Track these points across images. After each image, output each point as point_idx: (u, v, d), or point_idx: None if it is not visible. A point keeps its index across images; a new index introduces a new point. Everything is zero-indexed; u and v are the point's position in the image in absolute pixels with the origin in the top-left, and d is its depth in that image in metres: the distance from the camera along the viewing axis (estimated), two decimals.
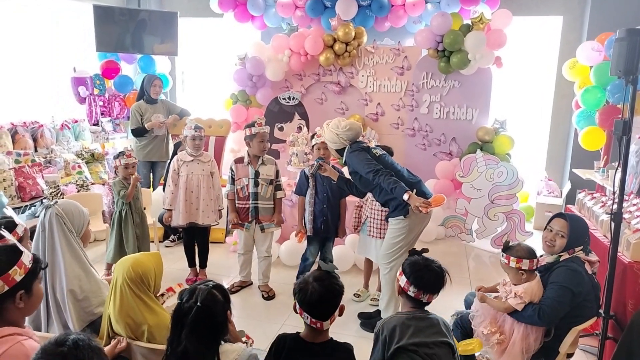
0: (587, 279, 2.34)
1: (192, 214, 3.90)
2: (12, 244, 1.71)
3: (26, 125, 5.25)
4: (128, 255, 3.51)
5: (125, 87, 6.32)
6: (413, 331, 1.88)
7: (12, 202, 4.29)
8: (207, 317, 1.60)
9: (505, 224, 4.93)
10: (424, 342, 1.86)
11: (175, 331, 1.61)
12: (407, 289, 1.95)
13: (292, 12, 5.96)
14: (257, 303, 3.77)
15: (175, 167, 3.90)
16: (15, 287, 1.58)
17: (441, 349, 1.88)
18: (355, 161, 3.09)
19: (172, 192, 3.87)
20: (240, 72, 5.66)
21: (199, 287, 1.64)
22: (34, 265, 1.67)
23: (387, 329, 1.92)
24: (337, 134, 3.15)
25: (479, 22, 5.04)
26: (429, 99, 5.55)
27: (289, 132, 5.46)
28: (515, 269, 2.33)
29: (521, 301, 2.28)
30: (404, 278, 1.97)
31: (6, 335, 1.53)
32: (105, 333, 1.98)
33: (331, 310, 1.80)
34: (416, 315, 1.95)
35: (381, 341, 1.92)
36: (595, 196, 3.73)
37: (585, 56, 4.82)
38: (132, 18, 6.11)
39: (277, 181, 3.79)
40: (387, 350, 1.89)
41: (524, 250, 2.34)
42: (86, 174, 5.22)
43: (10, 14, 5.40)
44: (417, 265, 1.97)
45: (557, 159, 6.32)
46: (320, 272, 1.86)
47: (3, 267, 1.57)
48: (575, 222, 2.48)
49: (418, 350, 1.83)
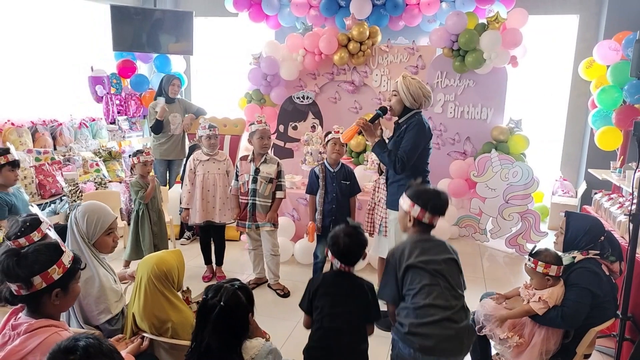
0: (605, 280, 2.34)
1: (208, 212, 3.96)
2: (55, 242, 1.74)
3: (45, 124, 5.35)
4: (144, 253, 3.64)
5: (141, 86, 6.39)
6: (420, 251, 2.07)
7: (33, 200, 4.38)
8: (229, 317, 1.63)
9: (520, 224, 4.91)
10: (432, 259, 2.05)
11: (200, 326, 1.64)
12: (422, 217, 2.11)
13: (307, 12, 5.98)
14: (272, 301, 3.81)
15: (192, 166, 3.96)
16: (53, 285, 1.63)
17: (448, 265, 2.08)
18: (417, 132, 2.96)
19: (189, 191, 3.94)
20: (255, 72, 5.70)
21: (225, 286, 1.67)
22: (73, 265, 1.70)
23: (396, 252, 2.12)
24: (424, 93, 2.98)
25: (495, 22, 5.02)
26: (443, 98, 5.54)
27: (303, 131, 5.49)
28: (542, 274, 2.32)
29: (544, 306, 2.28)
30: (417, 207, 2.12)
31: (45, 326, 1.59)
32: (129, 330, 2.03)
33: (357, 257, 2.17)
34: (422, 237, 2.14)
35: (392, 264, 2.11)
36: (613, 197, 3.71)
37: (602, 55, 4.78)
38: (148, 18, 6.18)
39: (279, 181, 3.80)
40: (398, 270, 2.06)
41: (552, 256, 2.34)
42: (104, 171, 5.30)
43: (30, 15, 5.50)
44: (428, 193, 2.17)
45: (572, 159, 6.28)
46: (349, 228, 2.19)
47: (43, 265, 1.61)
48: (575, 219, 2.48)
49: (426, 267, 2.02)
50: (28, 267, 1.60)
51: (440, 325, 1.95)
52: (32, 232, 2.22)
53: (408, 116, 3.05)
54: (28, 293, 1.60)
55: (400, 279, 2.05)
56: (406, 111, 3.05)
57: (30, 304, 1.65)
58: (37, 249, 1.66)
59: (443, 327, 1.95)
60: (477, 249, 5.06)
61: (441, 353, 1.96)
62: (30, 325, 1.59)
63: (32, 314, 1.64)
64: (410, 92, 2.97)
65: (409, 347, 1.98)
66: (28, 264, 1.60)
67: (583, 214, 2.64)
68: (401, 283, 2.06)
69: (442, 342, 1.95)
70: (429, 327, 1.95)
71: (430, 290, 1.98)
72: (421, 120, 3.03)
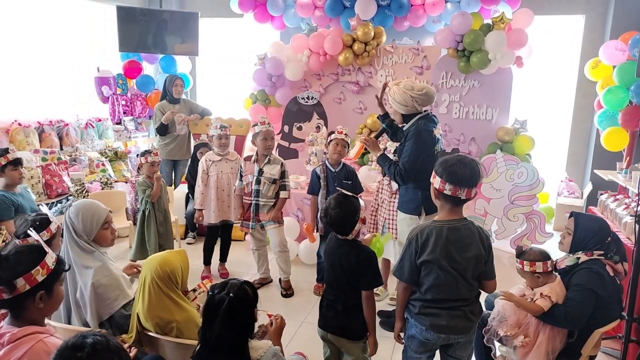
0: (609, 281, 2.33)
1: (224, 212, 4.02)
2: (37, 244, 1.70)
3: (52, 124, 5.40)
4: (149, 252, 3.66)
5: (147, 87, 6.43)
6: (444, 244, 1.95)
7: (40, 199, 4.42)
8: (239, 308, 1.63)
9: (525, 225, 4.90)
10: (455, 258, 1.95)
11: (207, 322, 1.64)
12: (443, 189, 1.94)
13: (312, 13, 5.99)
14: (276, 301, 3.81)
15: (205, 167, 3.98)
16: (36, 287, 1.58)
17: (470, 263, 1.98)
18: (415, 142, 2.89)
19: (202, 192, 3.97)
20: (260, 72, 5.71)
21: (230, 282, 1.69)
22: (57, 266, 1.66)
23: (420, 237, 1.99)
24: (412, 96, 2.88)
25: (500, 22, 5.00)
26: (448, 98, 5.53)
27: (307, 132, 5.50)
28: (530, 272, 2.36)
29: (549, 301, 2.28)
30: (438, 178, 1.97)
31: (28, 334, 1.54)
32: (135, 330, 2.04)
33: (351, 227, 2.19)
34: (451, 225, 1.98)
35: (413, 247, 2.01)
36: (618, 198, 3.69)
37: (608, 55, 4.76)
38: (154, 19, 6.22)
39: (283, 181, 3.80)
40: (417, 257, 1.99)
41: (537, 254, 2.38)
42: (109, 171, 5.34)
43: (36, 16, 5.54)
44: (448, 162, 1.96)
45: (578, 160, 6.25)
46: (339, 198, 2.21)
47: (26, 266, 1.57)
48: (583, 220, 2.47)
49: (447, 267, 1.95)
50: (11, 269, 1.55)
51: (449, 308, 2.01)
52: (42, 231, 2.23)
53: (412, 122, 3.02)
54: (11, 297, 1.55)
55: (418, 265, 2.01)
56: (408, 117, 3.03)
57: (14, 309, 1.60)
58: (20, 251, 1.62)
59: (452, 308, 2.01)
60: None
61: (451, 330, 2.01)
62: (13, 335, 1.53)
63: (15, 320, 1.60)
64: (397, 100, 2.96)
65: (420, 325, 2.03)
66: (10, 266, 1.56)
67: (591, 215, 2.63)
68: (418, 268, 2.02)
69: (452, 319, 2.00)
70: (438, 309, 2.01)
71: (444, 288, 2.00)
72: (420, 128, 2.95)
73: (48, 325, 1.69)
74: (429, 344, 2.07)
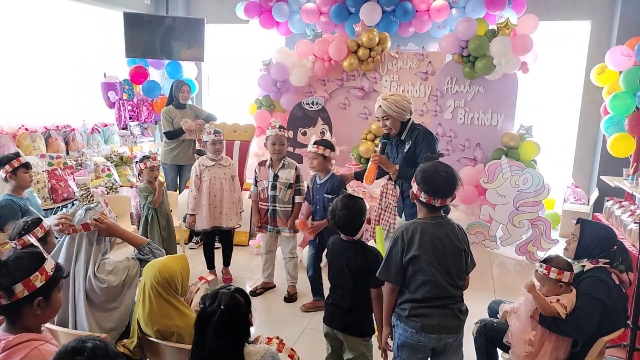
0: (615, 290, 2.31)
1: (216, 218, 3.97)
2: (37, 250, 1.69)
3: (59, 129, 5.44)
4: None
5: (153, 92, 6.47)
6: (430, 240, 2.01)
7: (45, 204, 4.45)
8: (231, 320, 1.63)
9: (531, 231, 4.86)
10: (440, 252, 2.01)
11: (200, 335, 1.64)
12: (419, 195, 2.04)
13: (317, 18, 6.01)
14: (279, 306, 3.81)
15: (197, 172, 3.96)
16: (35, 293, 1.57)
17: (454, 257, 2.05)
18: (428, 141, 3.04)
19: (195, 197, 3.95)
20: (265, 78, 5.73)
21: (221, 292, 1.67)
22: (56, 273, 1.64)
23: (406, 234, 2.05)
24: (409, 102, 3.09)
25: (505, 28, 5.00)
26: (453, 104, 5.52)
27: (312, 137, 5.50)
28: (555, 280, 2.30)
29: (564, 310, 2.25)
30: (415, 185, 2.06)
31: (23, 342, 1.52)
32: (136, 335, 2.04)
33: (358, 228, 2.27)
34: (433, 221, 2.06)
35: (399, 245, 2.05)
36: (624, 204, 3.66)
37: (614, 61, 4.74)
38: (161, 24, 6.27)
39: (298, 185, 3.78)
40: (404, 254, 2.04)
41: (564, 263, 2.33)
42: (115, 176, 5.37)
43: (43, 22, 5.60)
44: (426, 172, 2.04)
45: (584, 166, 6.21)
46: (346, 200, 2.28)
47: (25, 272, 1.56)
48: (590, 226, 2.45)
49: (433, 262, 2.00)
50: (10, 275, 1.54)
51: (439, 306, 2.03)
52: (35, 228, 2.28)
53: (408, 129, 3.14)
54: (9, 302, 1.53)
55: (404, 263, 2.04)
56: (404, 126, 3.16)
57: (10, 315, 1.58)
58: (19, 256, 1.61)
59: (442, 307, 2.03)
60: (487, 256, 5.01)
61: (442, 330, 2.03)
62: (8, 342, 1.51)
63: (12, 327, 1.58)
64: (398, 108, 3.07)
65: (410, 328, 2.04)
66: (10, 272, 1.55)
67: (597, 222, 2.61)
68: (404, 267, 2.05)
69: (443, 318, 2.02)
70: (428, 308, 2.02)
71: (434, 285, 2.02)
72: (424, 128, 3.12)
73: (45, 332, 1.67)
74: (421, 347, 2.06)
